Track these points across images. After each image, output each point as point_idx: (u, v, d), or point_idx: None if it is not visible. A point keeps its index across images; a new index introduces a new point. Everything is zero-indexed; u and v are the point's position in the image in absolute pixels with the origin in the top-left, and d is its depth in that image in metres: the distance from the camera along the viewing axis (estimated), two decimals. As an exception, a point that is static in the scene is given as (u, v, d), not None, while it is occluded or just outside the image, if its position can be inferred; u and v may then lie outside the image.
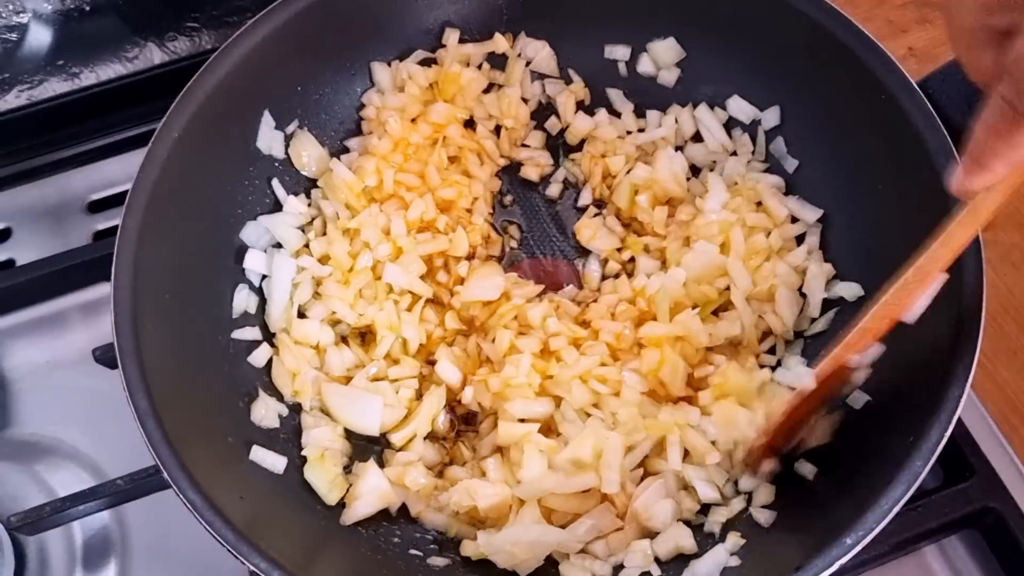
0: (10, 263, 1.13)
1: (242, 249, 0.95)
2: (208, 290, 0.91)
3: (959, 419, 0.87)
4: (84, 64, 1.12)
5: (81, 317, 1.10)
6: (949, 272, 0.72)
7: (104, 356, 0.95)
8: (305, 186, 1.02)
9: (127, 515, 0.98)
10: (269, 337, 0.95)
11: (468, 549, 0.84)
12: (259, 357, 0.92)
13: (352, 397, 0.90)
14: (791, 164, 0.97)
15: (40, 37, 1.09)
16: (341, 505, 0.86)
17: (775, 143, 0.98)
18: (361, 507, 0.85)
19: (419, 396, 0.93)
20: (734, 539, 0.78)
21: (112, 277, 0.79)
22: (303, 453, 0.88)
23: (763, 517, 0.79)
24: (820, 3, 0.89)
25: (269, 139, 0.97)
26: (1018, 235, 1.09)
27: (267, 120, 0.96)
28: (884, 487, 0.67)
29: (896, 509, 0.66)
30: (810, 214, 0.94)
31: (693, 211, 0.97)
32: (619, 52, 1.05)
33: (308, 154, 1.00)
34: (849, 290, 0.89)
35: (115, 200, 1.15)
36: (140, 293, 0.80)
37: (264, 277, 0.96)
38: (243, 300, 0.93)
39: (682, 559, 0.80)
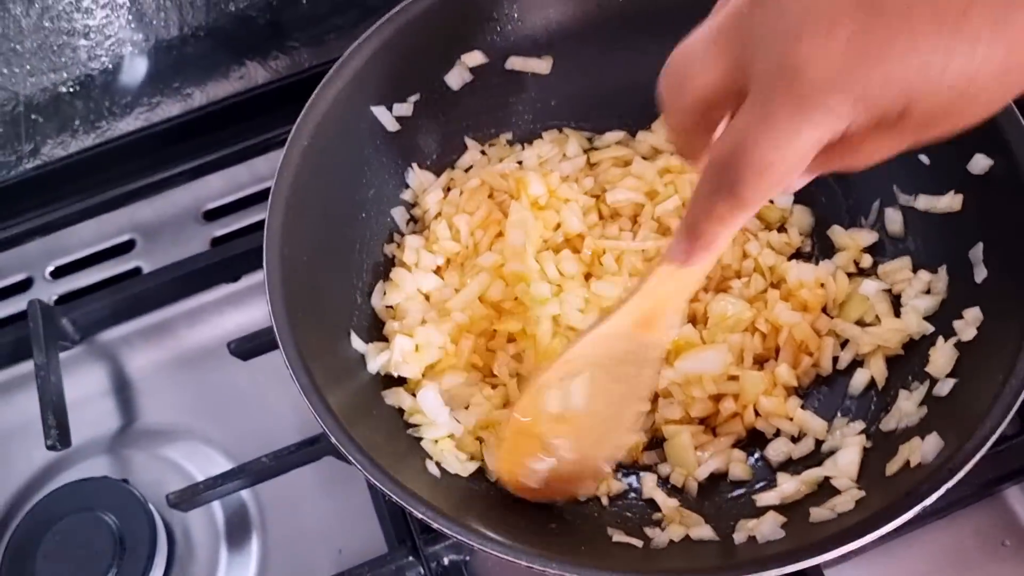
0: (136, 271, 1.22)
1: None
2: (342, 279, 0.99)
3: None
4: (195, 85, 1.22)
5: (202, 318, 1.19)
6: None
7: (240, 348, 1.04)
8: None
9: (261, 495, 1.06)
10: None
11: None
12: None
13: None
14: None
15: (156, 62, 1.19)
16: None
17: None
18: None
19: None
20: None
21: (264, 266, 0.86)
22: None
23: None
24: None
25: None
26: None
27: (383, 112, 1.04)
28: (979, 421, 0.74)
29: (993, 439, 0.73)
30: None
31: None
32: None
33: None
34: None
35: (228, 209, 1.24)
36: (286, 282, 0.88)
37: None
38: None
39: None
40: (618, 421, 0.85)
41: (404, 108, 1.06)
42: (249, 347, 1.04)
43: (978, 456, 0.72)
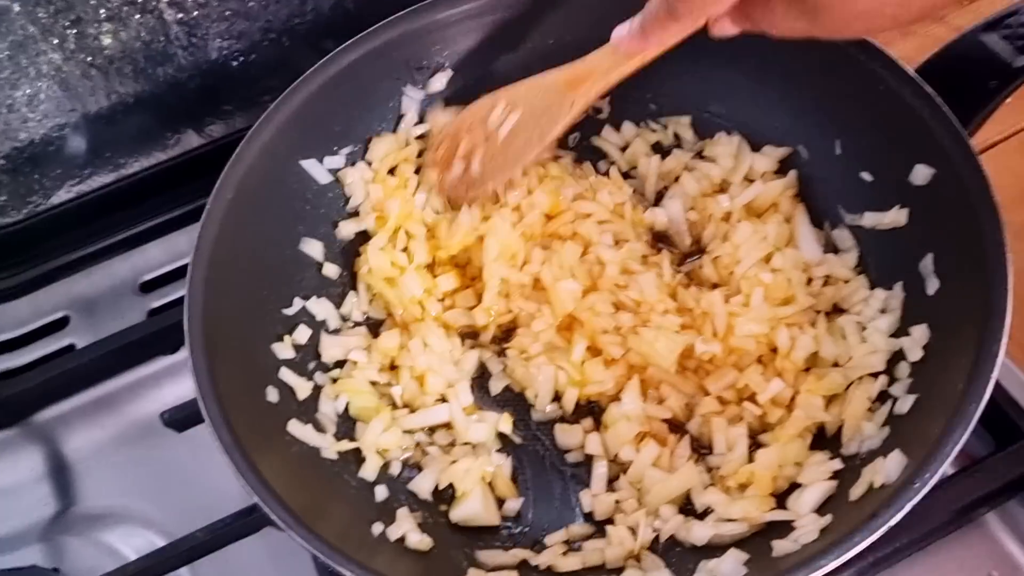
0: (70, 348, 1.17)
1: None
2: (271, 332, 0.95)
3: (1003, 386, 0.92)
4: (128, 154, 1.19)
5: (140, 392, 1.13)
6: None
7: (173, 418, 0.99)
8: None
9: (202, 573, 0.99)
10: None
11: None
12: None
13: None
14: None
15: (86, 132, 1.16)
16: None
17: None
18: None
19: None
20: None
21: (185, 323, 0.83)
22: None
23: None
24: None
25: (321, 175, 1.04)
26: (1028, 215, 1.14)
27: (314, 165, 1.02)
28: (943, 432, 0.70)
29: (957, 449, 0.68)
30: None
31: None
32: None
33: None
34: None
35: (165, 279, 1.20)
36: (211, 341, 0.84)
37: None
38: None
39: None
40: (520, 157, 0.98)
41: (336, 160, 1.04)
42: (183, 417, 0.98)
43: (944, 466, 0.68)
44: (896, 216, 0.90)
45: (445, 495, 0.93)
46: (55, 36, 1.04)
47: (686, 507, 0.88)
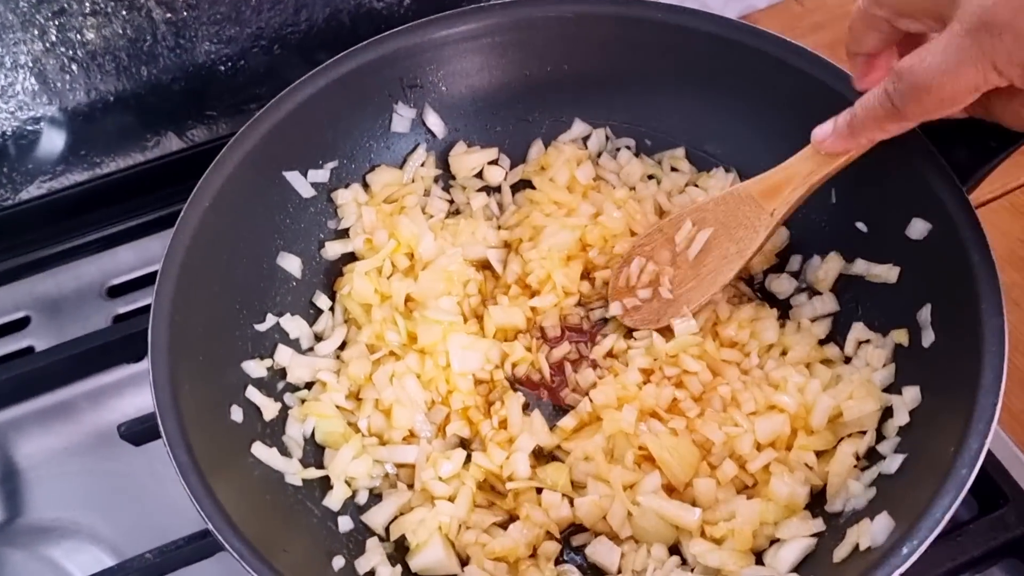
0: (29, 350, 1.13)
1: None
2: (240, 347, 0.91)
3: (989, 450, 0.89)
4: (105, 155, 1.15)
5: (100, 401, 1.09)
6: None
7: (129, 432, 0.95)
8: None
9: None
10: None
11: None
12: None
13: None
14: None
15: (61, 128, 1.12)
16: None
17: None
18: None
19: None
20: None
21: (149, 333, 0.79)
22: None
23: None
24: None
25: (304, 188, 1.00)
26: (1017, 275, 1.13)
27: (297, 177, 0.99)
28: (933, 497, 0.68)
29: (948, 516, 0.66)
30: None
31: None
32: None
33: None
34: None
35: (134, 284, 1.16)
36: (175, 353, 0.80)
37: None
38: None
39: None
40: (718, 276, 0.93)
41: (320, 175, 1.01)
42: (140, 430, 0.94)
43: (933, 536, 0.65)
44: (888, 273, 0.89)
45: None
46: (35, 26, 1.00)
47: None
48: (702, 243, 0.93)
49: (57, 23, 1.01)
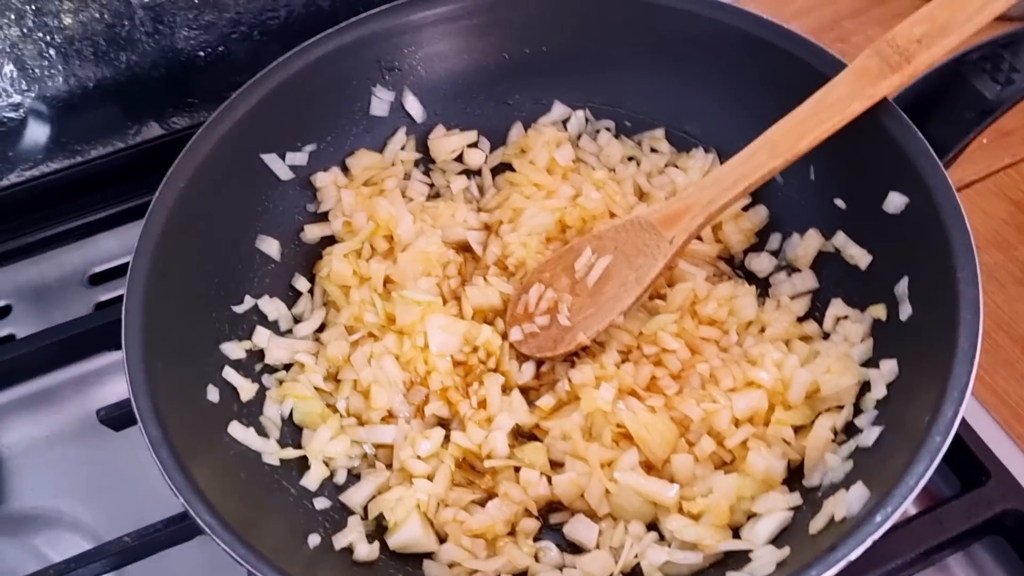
0: (10, 338, 1.12)
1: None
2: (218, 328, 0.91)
3: (969, 425, 0.89)
4: (86, 141, 1.15)
5: (82, 388, 1.09)
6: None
7: (108, 416, 0.94)
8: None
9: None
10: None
11: None
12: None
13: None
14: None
15: (42, 117, 1.12)
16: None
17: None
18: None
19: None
20: None
21: (123, 311, 0.79)
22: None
23: None
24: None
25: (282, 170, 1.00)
26: (1002, 255, 1.13)
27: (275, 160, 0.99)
28: (907, 465, 0.67)
29: (921, 483, 0.66)
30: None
31: None
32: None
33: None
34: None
35: (116, 272, 1.16)
36: (150, 331, 0.80)
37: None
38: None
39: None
40: (616, 303, 0.92)
41: (299, 157, 1.01)
42: (120, 415, 0.94)
43: (908, 501, 0.65)
44: (862, 257, 0.90)
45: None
46: (11, 11, 1.00)
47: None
48: (601, 270, 0.93)
49: (34, 7, 1.01)
